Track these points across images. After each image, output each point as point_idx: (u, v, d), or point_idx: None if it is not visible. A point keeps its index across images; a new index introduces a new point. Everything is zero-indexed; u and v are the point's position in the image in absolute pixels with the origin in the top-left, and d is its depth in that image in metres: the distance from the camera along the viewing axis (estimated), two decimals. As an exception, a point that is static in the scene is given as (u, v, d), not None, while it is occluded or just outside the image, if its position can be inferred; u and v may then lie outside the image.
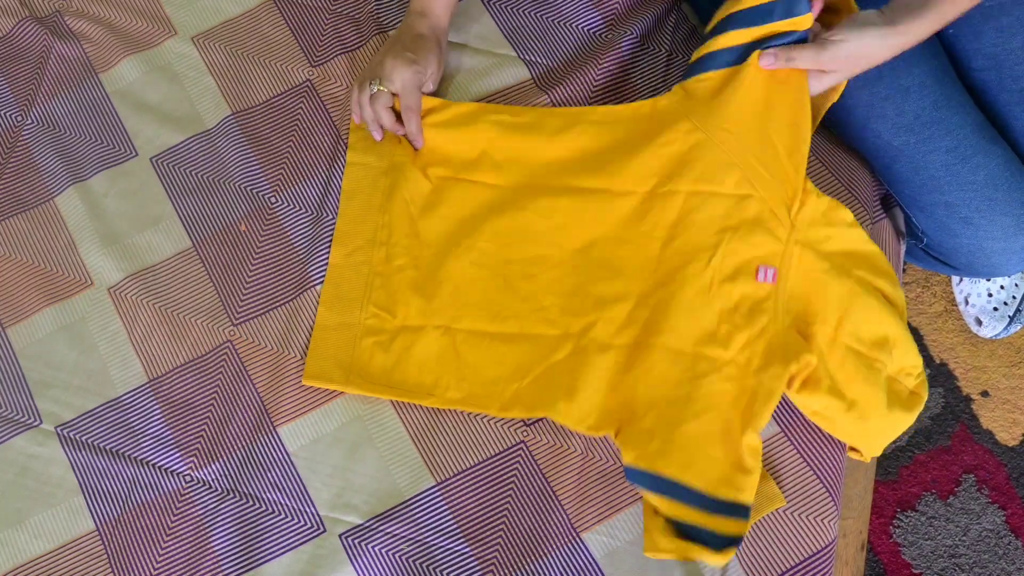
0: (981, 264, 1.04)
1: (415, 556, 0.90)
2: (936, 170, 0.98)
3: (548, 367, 0.93)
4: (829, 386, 0.89)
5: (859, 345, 0.90)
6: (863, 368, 0.89)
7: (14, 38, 1.15)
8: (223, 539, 0.92)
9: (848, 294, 0.91)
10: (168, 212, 1.05)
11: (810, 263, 0.92)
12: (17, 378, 0.99)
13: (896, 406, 0.89)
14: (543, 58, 1.10)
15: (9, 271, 1.04)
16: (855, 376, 0.89)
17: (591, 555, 0.90)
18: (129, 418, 0.96)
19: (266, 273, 1.01)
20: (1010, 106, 1.03)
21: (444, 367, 0.94)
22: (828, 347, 0.90)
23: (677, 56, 1.09)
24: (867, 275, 0.93)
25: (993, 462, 1.38)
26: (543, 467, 0.92)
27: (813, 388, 0.89)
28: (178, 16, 1.15)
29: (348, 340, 0.96)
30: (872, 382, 0.89)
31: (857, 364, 0.89)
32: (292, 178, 1.05)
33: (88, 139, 1.09)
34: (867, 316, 0.90)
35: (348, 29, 1.13)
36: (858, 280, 0.91)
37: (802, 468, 0.91)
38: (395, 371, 0.95)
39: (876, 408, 0.89)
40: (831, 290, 0.91)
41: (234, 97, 1.10)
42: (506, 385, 0.93)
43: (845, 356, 0.90)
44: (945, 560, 1.33)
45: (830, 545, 0.89)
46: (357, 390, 0.94)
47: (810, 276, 0.92)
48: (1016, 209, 0.99)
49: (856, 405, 0.88)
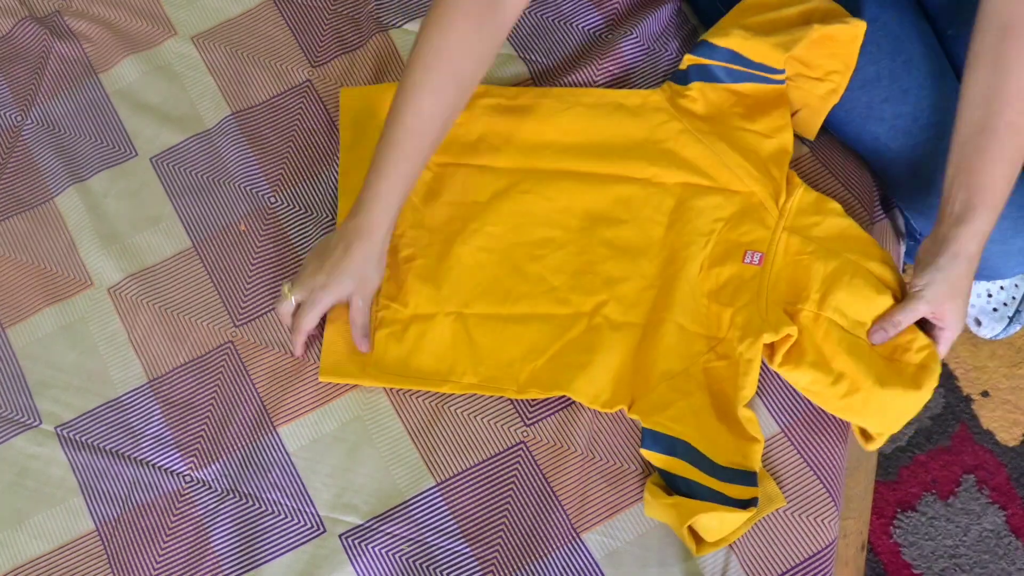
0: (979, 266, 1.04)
1: (415, 556, 0.90)
2: (933, 173, 0.98)
3: (562, 346, 0.94)
4: (813, 360, 0.90)
5: (843, 320, 0.91)
6: (847, 342, 0.90)
7: (14, 38, 1.15)
8: (223, 539, 0.91)
9: (833, 272, 0.92)
10: (168, 212, 1.05)
11: (797, 247, 0.94)
12: (17, 378, 0.99)
13: (895, 383, 0.88)
14: (543, 57, 1.10)
15: (9, 271, 1.04)
16: (838, 349, 0.89)
17: (591, 555, 0.89)
18: (129, 418, 0.96)
19: (266, 273, 1.01)
20: None
21: (459, 353, 0.95)
22: (812, 322, 0.91)
23: (677, 56, 1.09)
24: (856, 257, 0.93)
25: (993, 462, 1.38)
26: (543, 467, 0.92)
27: (797, 361, 0.90)
28: (178, 16, 1.15)
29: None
30: (857, 356, 0.89)
31: (841, 338, 0.90)
32: (292, 178, 1.05)
33: (88, 139, 1.09)
34: (851, 293, 0.91)
35: (348, 29, 1.13)
36: (845, 260, 0.92)
37: (802, 468, 0.91)
38: (410, 360, 0.95)
39: (863, 381, 0.88)
40: (815, 269, 0.93)
41: (234, 97, 1.10)
42: (522, 366, 0.94)
43: (829, 330, 0.90)
44: (945, 560, 1.33)
45: (830, 545, 0.89)
46: (374, 382, 0.95)
47: (796, 259, 0.94)
48: (1013, 212, 0.99)
49: (843, 378, 0.89)
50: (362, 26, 1.12)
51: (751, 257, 0.95)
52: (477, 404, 0.95)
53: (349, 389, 0.96)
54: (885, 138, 0.99)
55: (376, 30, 1.12)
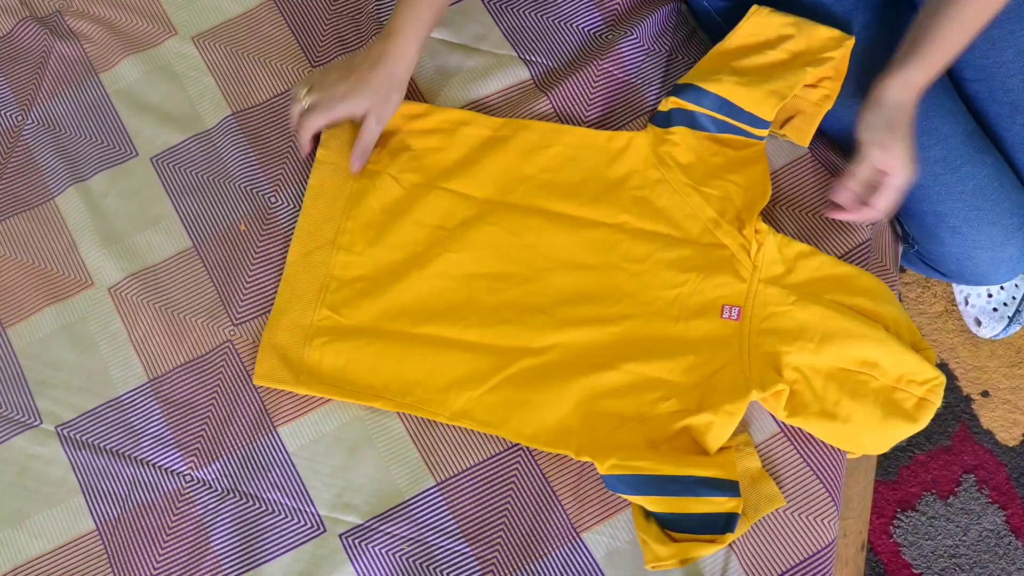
0: (970, 272, 1.04)
1: (415, 556, 0.90)
2: (926, 179, 0.98)
3: (503, 379, 0.93)
4: (819, 409, 0.89)
5: (840, 363, 0.90)
6: (849, 384, 0.90)
7: (14, 38, 1.15)
8: (223, 539, 0.92)
9: (819, 318, 0.91)
10: (168, 212, 1.05)
11: (777, 298, 0.93)
12: (17, 378, 0.99)
13: (895, 415, 0.89)
14: (543, 58, 1.10)
15: (9, 271, 1.04)
16: (841, 394, 0.89)
17: (591, 555, 0.90)
18: (129, 418, 0.96)
19: (266, 273, 1.01)
20: (1000, 117, 1.03)
21: (395, 370, 0.94)
22: (810, 373, 0.91)
23: (677, 56, 1.09)
24: (840, 297, 0.93)
25: (993, 462, 1.38)
26: (543, 467, 0.92)
27: (804, 414, 0.90)
28: (178, 16, 1.15)
29: (299, 340, 0.95)
30: (861, 397, 0.89)
31: (842, 383, 0.90)
32: (292, 178, 1.05)
33: (88, 139, 1.09)
34: (842, 336, 0.90)
35: (348, 29, 1.13)
36: (828, 304, 0.91)
37: (802, 468, 0.91)
38: (345, 371, 0.94)
39: (868, 420, 0.89)
40: (801, 318, 0.92)
41: (234, 97, 1.10)
42: (458, 393, 0.92)
43: (828, 379, 0.90)
44: (945, 560, 1.33)
45: (830, 545, 0.89)
46: (307, 390, 0.94)
47: (779, 310, 0.93)
48: (1004, 219, 0.99)
49: (850, 421, 0.89)
50: (362, 26, 1.12)
51: (729, 312, 0.93)
52: (477, 404, 0.95)
53: (349, 389, 0.96)
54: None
55: (376, 30, 1.12)
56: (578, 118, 1.06)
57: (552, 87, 1.07)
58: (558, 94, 1.06)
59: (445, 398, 0.92)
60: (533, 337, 0.94)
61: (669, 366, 0.92)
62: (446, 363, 0.93)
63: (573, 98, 1.06)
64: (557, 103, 1.06)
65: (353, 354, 0.94)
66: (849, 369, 0.90)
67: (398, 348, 0.94)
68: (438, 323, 0.95)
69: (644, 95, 1.07)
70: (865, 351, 0.90)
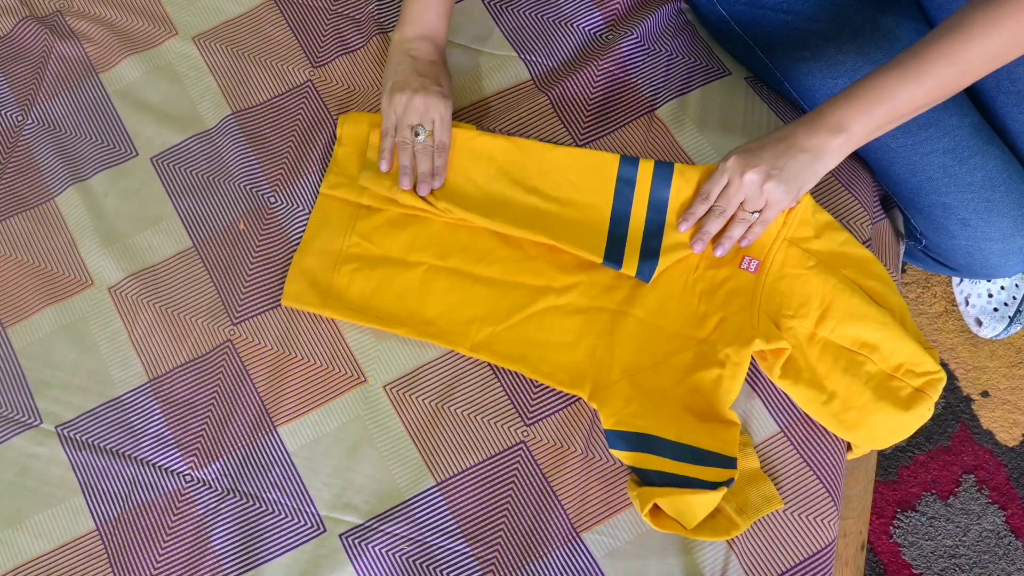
0: (979, 265, 1.04)
1: (415, 556, 0.90)
2: (934, 171, 0.98)
3: (525, 318, 0.95)
4: (809, 378, 0.91)
5: (840, 339, 0.91)
6: (843, 361, 0.90)
7: (14, 38, 1.15)
8: (223, 539, 0.92)
9: (831, 290, 0.92)
10: (168, 212, 1.05)
11: (796, 259, 0.95)
12: (17, 378, 0.99)
13: (886, 400, 0.89)
14: (543, 58, 1.10)
15: (9, 271, 1.04)
16: (834, 368, 0.90)
17: (591, 555, 0.90)
18: (129, 418, 0.96)
19: (266, 272, 1.01)
20: (1008, 108, 1.03)
21: (421, 300, 0.96)
22: (807, 341, 0.92)
23: (677, 56, 1.09)
24: (855, 275, 0.94)
25: (993, 462, 1.38)
26: (543, 467, 0.92)
27: (795, 379, 0.91)
28: (179, 16, 1.15)
29: (328, 265, 0.98)
30: (854, 374, 0.90)
31: (836, 357, 0.91)
32: (292, 178, 1.05)
33: (88, 139, 1.09)
34: (848, 313, 0.91)
35: (349, 29, 1.13)
36: (842, 279, 0.93)
37: (802, 468, 0.92)
38: (372, 298, 0.97)
39: (857, 400, 0.89)
40: (813, 285, 0.93)
41: (234, 97, 1.10)
42: (480, 327, 0.95)
43: (824, 350, 0.91)
44: (945, 560, 1.33)
45: (830, 545, 0.89)
46: (332, 313, 0.96)
47: (794, 272, 0.94)
48: (1014, 210, 0.99)
49: (835, 397, 0.90)
50: (363, 27, 1.13)
51: (748, 263, 0.95)
52: (477, 404, 0.95)
53: (349, 389, 0.96)
54: (884, 137, 0.99)
55: (377, 31, 1.12)
56: (578, 118, 1.06)
57: (552, 87, 1.07)
58: (558, 94, 1.06)
59: (467, 330, 0.95)
60: (556, 276, 0.96)
61: (684, 316, 0.94)
62: (470, 297, 0.96)
63: (573, 98, 1.06)
64: (557, 103, 1.06)
65: (381, 282, 0.97)
66: (847, 348, 0.91)
67: (425, 279, 0.97)
68: (466, 257, 0.98)
69: (644, 95, 1.07)
70: (867, 332, 0.90)
